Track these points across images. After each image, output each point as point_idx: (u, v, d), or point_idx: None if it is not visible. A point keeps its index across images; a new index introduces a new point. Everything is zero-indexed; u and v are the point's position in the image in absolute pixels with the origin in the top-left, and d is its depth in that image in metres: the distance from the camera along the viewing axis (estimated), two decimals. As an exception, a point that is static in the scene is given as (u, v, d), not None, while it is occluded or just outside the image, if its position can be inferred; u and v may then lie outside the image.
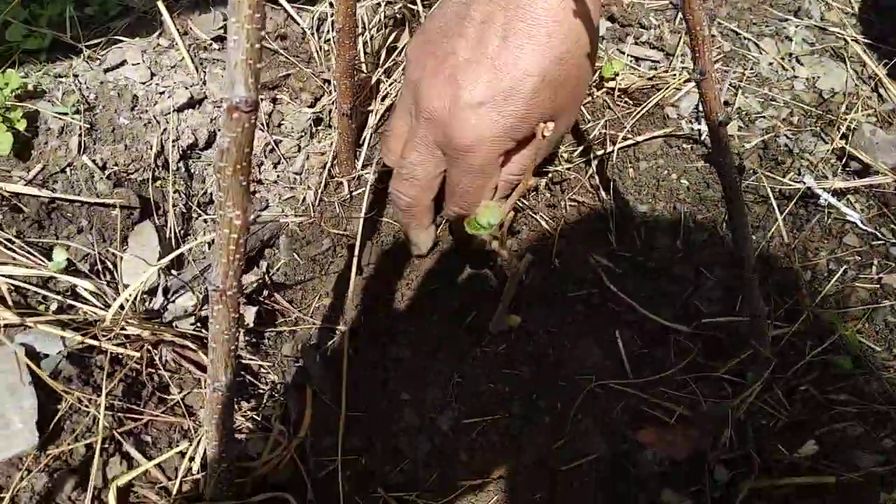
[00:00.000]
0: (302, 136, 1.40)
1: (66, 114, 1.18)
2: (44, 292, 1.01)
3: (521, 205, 1.39)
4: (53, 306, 1.00)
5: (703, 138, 1.42)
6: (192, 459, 0.91)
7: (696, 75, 0.83)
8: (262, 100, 1.37)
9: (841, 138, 1.39)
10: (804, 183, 1.31)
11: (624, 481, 1.16)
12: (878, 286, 1.23)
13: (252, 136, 0.66)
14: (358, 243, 1.31)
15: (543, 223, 1.37)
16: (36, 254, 1.03)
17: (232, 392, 0.79)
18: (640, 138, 1.41)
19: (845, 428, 1.08)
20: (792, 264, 1.27)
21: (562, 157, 1.39)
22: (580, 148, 1.41)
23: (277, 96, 1.42)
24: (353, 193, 1.38)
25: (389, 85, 1.46)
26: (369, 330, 1.30)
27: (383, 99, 1.45)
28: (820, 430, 1.10)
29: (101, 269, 1.09)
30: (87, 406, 0.89)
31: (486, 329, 1.29)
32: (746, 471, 1.10)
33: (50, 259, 1.03)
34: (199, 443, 0.91)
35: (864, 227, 1.29)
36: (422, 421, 1.19)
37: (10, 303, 0.95)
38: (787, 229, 1.32)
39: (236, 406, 1.12)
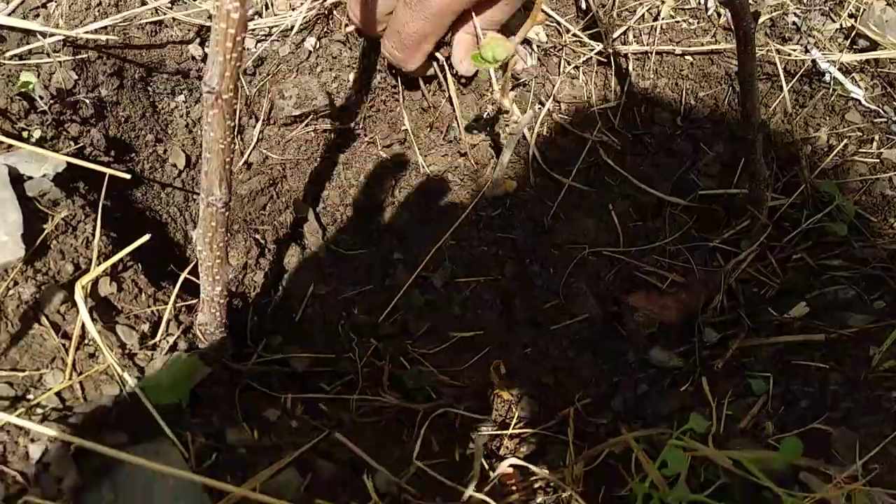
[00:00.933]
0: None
1: (45, -54, 1.11)
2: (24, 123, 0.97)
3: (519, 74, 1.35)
4: (37, 134, 0.96)
5: (709, 13, 1.38)
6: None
7: None
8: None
9: (849, 17, 1.36)
10: (811, 55, 1.28)
11: (614, 340, 1.17)
12: (877, 161, 1.22)
13: None
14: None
15: (542, 96, 1.34)
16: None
17: (227, 208, 0.77)
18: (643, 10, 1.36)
19: (837, 291, 1.09)
20: (793, 138, 1.26)
21: (565, 28, 1.35)
22: (583, 22, 1.36)
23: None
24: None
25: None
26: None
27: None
28: (811, 294, 1.10)
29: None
30: (74, 227, 0.87)
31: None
32: (736, 332, 1.11)
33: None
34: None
35: (868, 105, 1.27)
36: (414, 279, 1.17)
37: (-9, 122, 0.91)
38: (791, 105, 1.29)
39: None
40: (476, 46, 1.04)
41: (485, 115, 1.29)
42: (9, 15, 1.06)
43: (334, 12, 1.22)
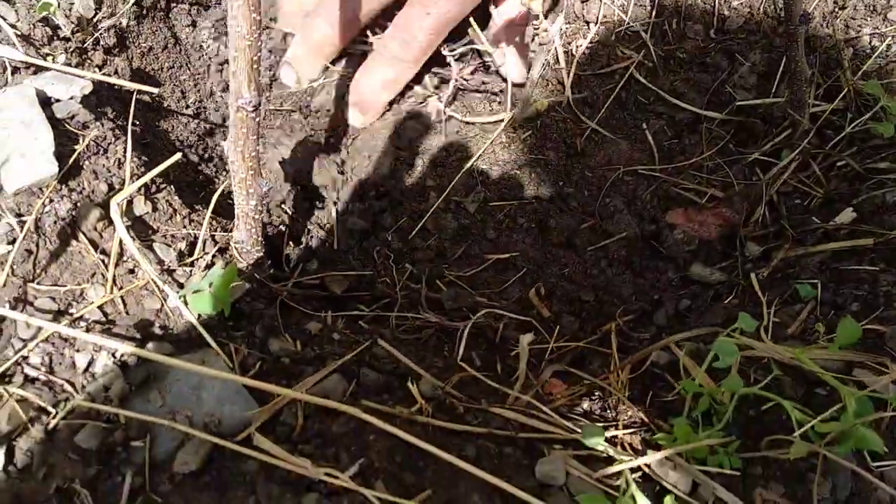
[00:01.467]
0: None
1: None
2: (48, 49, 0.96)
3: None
4: (61, 59, 0.94)
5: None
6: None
7: None
8: None
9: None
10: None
11: (653, 259, 1.14)
12: (923, 60, 1.17)
13: None
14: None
15: (573, 11, 1.30)
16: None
17: (258, 111, 0.75)
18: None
19: (885, 194, 1.05)
20: (834, 41, 1.21)
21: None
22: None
23: None
24: None
25: None
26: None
27: None
28: (857, 200, 1.07)
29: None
30: (105, 148, 0.85)
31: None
32: (780, 244, 1.08)
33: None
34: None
35: (912, 4, 1.21)
36: (447, 203, 1.15)
37: (19, 48, 0.90)
38: (832, 6, 1.24)
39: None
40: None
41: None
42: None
43: None
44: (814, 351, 0.81)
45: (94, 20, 1.04)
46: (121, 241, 0.79)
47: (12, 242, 0.75)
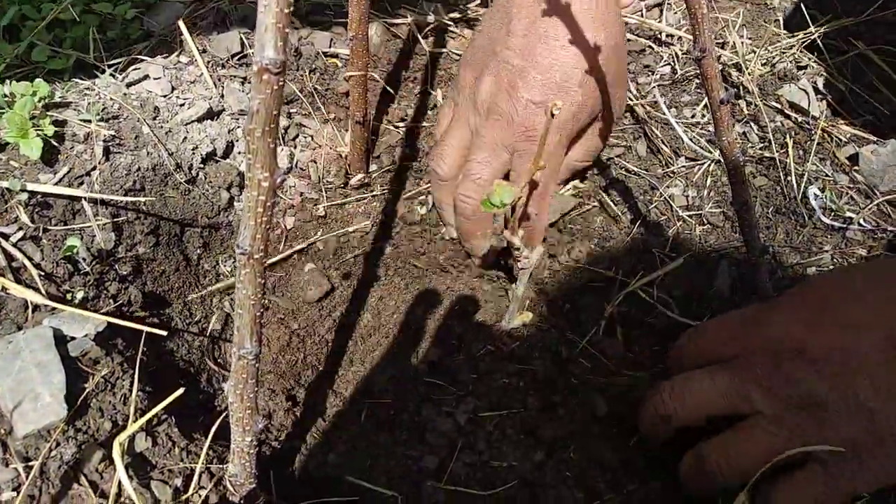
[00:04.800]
0: (316, 148, 1.44)
1: (90, 121, 1.23)
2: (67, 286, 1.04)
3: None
4: (80, 295, 1.02)
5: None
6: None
7: (696, 53, 0.88)
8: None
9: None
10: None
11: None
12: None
13: (280, 98, 0.69)
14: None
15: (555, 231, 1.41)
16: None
17: (258, 360, 0.81)
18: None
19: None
20: (797, 261, 1.30)
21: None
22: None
23: (291, 111, 1.47)
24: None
25: (404, 104, 1.52)
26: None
27: (401, 121, 1.50)
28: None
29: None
30: (112, 384, 0.91)
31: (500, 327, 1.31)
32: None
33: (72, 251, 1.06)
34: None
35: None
36: (439, 414, 1.19)
37: (40, 288, 0.98)
38: (791, 228, 1.35)
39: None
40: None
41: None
42: (56, 184, 1.15)
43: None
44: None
45: (113, 251, 1.14)
46: (119, 483, 0.82)
47: (17, 489, 0.78)
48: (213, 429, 0.92)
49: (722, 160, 1.01)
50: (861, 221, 1.31)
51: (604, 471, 1.15)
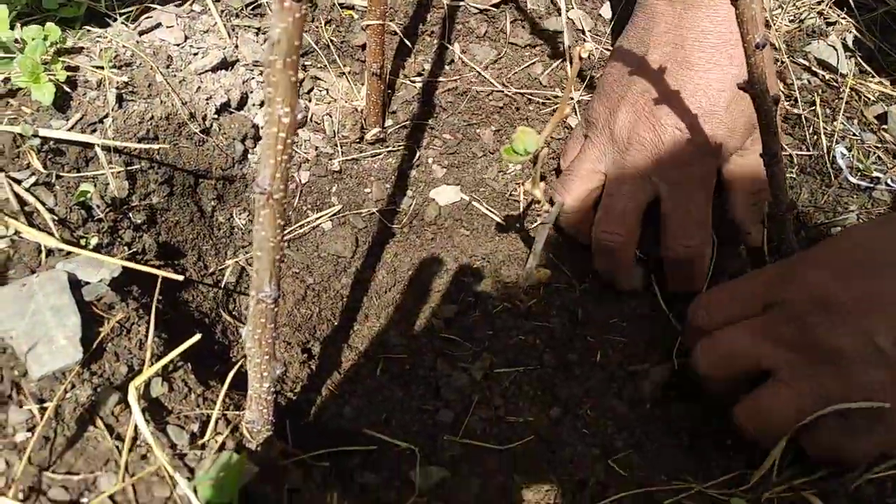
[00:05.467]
0: (331, 102, 1.42)
1: (103, 68, 1.20)
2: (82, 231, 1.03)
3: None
4: (93, 241, 1.01)
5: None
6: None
7: (732, -6, 0.84)
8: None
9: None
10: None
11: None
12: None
13: (302, 28, 0.66)
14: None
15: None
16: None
17: (276, 304, 0.80)
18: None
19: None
20: (822, 220, 1.27)
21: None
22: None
23: (306, 63, 1.44)
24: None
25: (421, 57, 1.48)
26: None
27: (418, 75, 1.46)
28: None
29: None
30: (128, 329, 0.90)
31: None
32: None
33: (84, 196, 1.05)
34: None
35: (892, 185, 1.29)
36: (454, 369, 1.18)
37: (54, 232, 0.96)
38: (816, 188, 1.32)
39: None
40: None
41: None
42: (69, 130, 1.13)
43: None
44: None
45: (127, 200, 1.12)
46: (136, 426, 0.81)
47: (32, 430, 0.77)
48: (230, 375, 0.91)
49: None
50: (889, 181, 1.27)
51: (620, 428, 1.14)
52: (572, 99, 1.11)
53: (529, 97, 1.43)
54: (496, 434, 1.11)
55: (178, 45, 1.33)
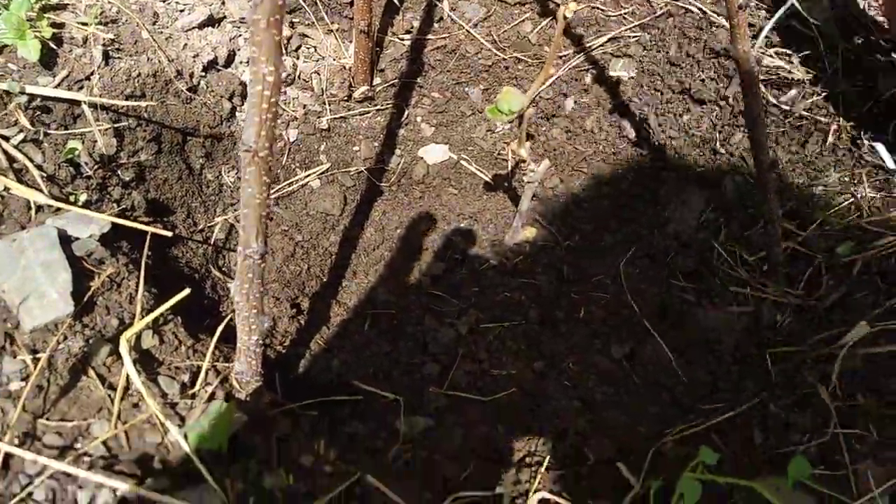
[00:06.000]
0: (319, 60, 1.41)
1: (88, 25, 1.20)
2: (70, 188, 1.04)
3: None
4: (83, 197, 1.02)
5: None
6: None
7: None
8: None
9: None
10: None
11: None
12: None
13: (286, -16, 0.67)
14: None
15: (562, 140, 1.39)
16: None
17: (263, 260, 0.81)
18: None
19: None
20: (802, 181, 1.28)
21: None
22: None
23: (294, 20, 1.43)
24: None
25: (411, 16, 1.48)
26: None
27: (406, 33, 1.45)
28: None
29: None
30: (118, 283, 0.92)
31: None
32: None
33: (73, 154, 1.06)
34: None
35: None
36: (441, 324, 1.21)
37: (43, 188, 0.98)
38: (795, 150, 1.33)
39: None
40: None
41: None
42: (55, 87, 1.13)
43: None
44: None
45: (115, 157, 1.13)
46: (127, 376, 0.83)
47: (26, 379, 0.79)
48: (220, 328, 0.93)
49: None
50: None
51: (602, 382, 1.17)
52: (559, 59, 1.11)
53: (517, 57, 1.43)
54: (481, 387, 1.14)
55: (164, 1, 1.32)
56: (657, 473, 0.93)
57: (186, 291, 0.91)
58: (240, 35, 1.35)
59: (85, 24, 1.20)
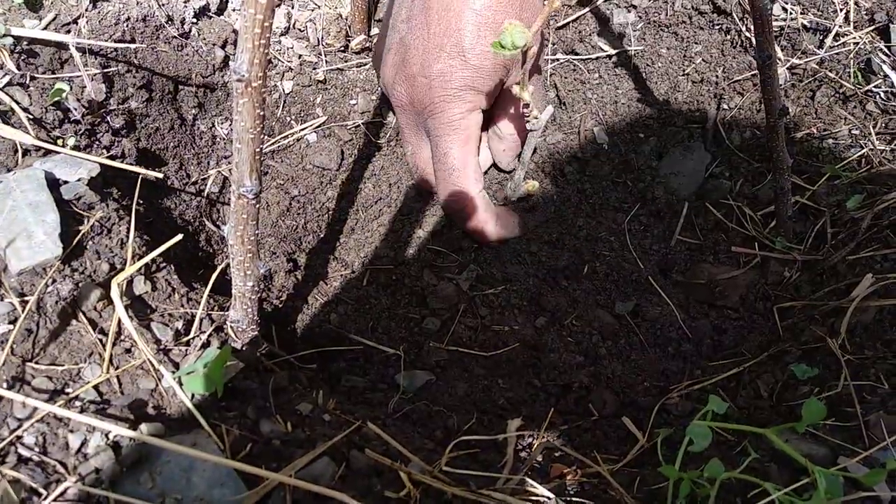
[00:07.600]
0: (315, 8, 1.37)
1: (76, -33, 1.15)
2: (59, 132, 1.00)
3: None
4: (71, 142, 0.98)
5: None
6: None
7: None
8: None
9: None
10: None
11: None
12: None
13: None
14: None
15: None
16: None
17: (258, 199, 0.78)
18: None
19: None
20: (812, 130, 1.26)
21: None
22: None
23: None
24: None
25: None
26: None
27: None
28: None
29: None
30: (108, 229, 0.88)
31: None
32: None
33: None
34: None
35: None
36: (441, 281, 1.18)
37: (30, 131, 0.94)
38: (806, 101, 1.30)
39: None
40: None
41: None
42: (42, 30, 1.09)
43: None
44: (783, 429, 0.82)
45: (105, 103, 1.09)
46: (119, 321, 0.81)
47: (13, 322, 0.76)
48: (214, 275, 0.90)
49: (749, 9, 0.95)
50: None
51: (604, 337, 1.15)
52: (565, 5, 1.07)
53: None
54: (482, 341, 1.12)
55: (154, -55, 1.27)
56: (663, 428, 0.92)
57: (179, 237, 0.88)
58: (233, -18, 1.31)
59: (72, -35, 1.15)
